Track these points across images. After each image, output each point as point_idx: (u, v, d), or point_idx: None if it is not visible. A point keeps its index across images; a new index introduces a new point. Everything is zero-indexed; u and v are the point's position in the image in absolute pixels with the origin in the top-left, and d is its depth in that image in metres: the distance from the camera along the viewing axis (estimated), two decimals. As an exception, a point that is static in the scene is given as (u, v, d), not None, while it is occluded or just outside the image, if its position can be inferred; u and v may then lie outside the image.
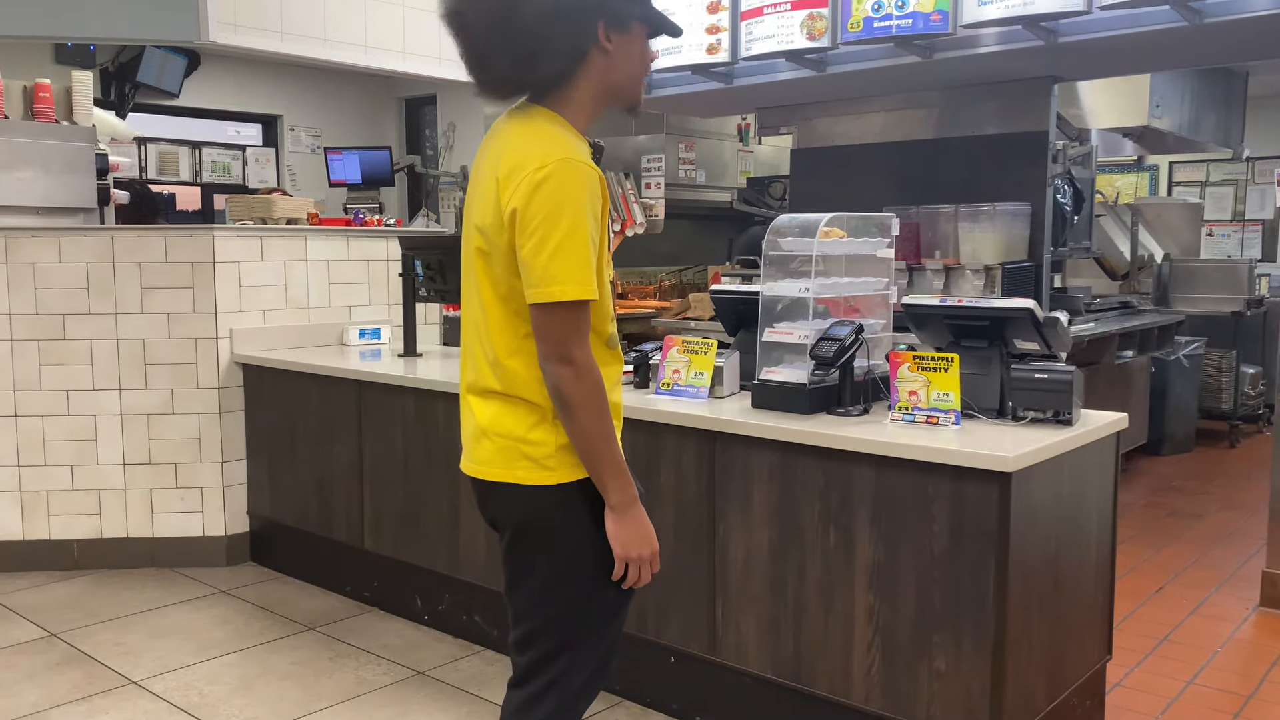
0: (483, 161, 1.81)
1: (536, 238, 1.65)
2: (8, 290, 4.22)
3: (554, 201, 1.65)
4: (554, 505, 1.78)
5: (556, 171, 1.65)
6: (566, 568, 1.81)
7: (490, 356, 1.79)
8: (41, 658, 3.48)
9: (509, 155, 1.71)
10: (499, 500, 1.84)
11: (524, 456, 1.78)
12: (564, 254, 1.65)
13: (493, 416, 1.80)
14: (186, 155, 8.73)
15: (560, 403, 1.72)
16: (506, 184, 1.68)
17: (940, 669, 2.43)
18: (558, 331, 1.69)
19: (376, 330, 4.66)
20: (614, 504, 1.77)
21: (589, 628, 1.85)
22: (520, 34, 1.68)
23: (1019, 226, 4.48)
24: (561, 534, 1.80)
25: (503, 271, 1.74)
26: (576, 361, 1.70)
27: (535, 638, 1.85)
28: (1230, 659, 3.53)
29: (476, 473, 1.86)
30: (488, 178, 1.74)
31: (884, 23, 3.89)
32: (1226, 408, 7.22)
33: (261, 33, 4.70)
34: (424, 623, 3.75)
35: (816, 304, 2.80)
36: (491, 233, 1.73)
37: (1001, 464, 2.29)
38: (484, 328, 1.80)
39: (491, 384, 1.80)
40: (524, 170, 1.66)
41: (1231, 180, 9.21)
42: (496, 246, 1.73)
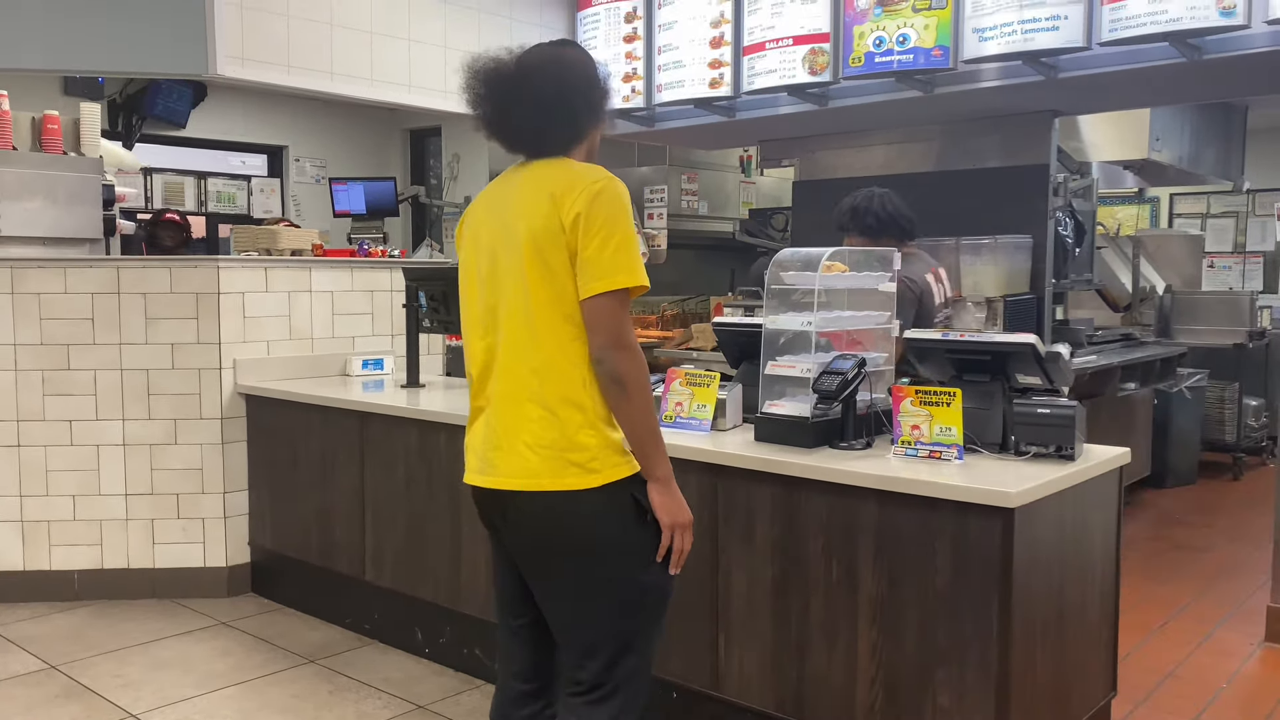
0: (512, 191, 2.04)
1: (600, 237, 1.90)
2: (13, 320, 4.23)
3: (612, 208, 1.93)
4: (601, 506, 1.94)
5: (609, 185, 1.95)
6: (619, 565, 1.97)
7: (536, 363, 1.94)
8: (40, 690, 3.46)
9: (558, 178, 1.97)
10: (542, 509, 1.94)
11: (571, 464, 1.92)
12: (624, 249, 1.91)
13: (537, 427, 1.93)
14: (192, 185, 8.76)
15: (619, 386, 1.91)
16: (566, 195, 1.93)
17: (944, 705, 2.42)
18: (616, 318, 1.91)
19: (380, 361, 4.67)
20: (660, 476, 1.98)
21: (647, 619, 2.02)
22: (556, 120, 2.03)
23: (1021, 259, 4.50)
24: (613, 532, 1.96)
25: (558, 275, 1.93)
26: (631, 345, 1.93)
27: (600, 645, 1.98)
28: (1236, 695, 3.50)
29: (518, 485, 1.94)
30: (534, 197, 1.96)
31: (885, 58, 3.93)
32: (1230, 440, 7.19)
33: (269, 66, 4.73)
34: (425, 656, 3.74)
35: (819, 337, 2.81)
36: (546, 240, 1.93)
37: (1005, 499, 2.28)
38: (531, 335, 1.94)
39: (535, 391, 1.94)
40: (582, 183, 1.94)
41: (1232, 212, 9.24)
42: (551, 253, 1.93)
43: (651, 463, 1.98)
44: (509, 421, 1.97)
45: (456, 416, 3.52)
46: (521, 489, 1.95)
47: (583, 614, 1.99)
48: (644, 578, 1.99)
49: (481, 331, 2.04)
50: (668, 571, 2.01)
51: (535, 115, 2.01)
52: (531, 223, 1.94)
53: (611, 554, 1.96)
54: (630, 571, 1.98)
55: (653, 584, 2.01)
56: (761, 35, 4.27)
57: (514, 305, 1.98)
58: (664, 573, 2.01)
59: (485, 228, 2.07)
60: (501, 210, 2.04)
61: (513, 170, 2.10)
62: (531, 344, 1.95)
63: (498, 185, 2.11)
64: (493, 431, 2.00)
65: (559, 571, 1.99)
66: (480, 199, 2.14)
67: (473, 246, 2.10)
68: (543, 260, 1.94)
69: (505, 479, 1.96)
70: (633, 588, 1.99)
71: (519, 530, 2.01)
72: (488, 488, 2.00)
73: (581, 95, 2.04)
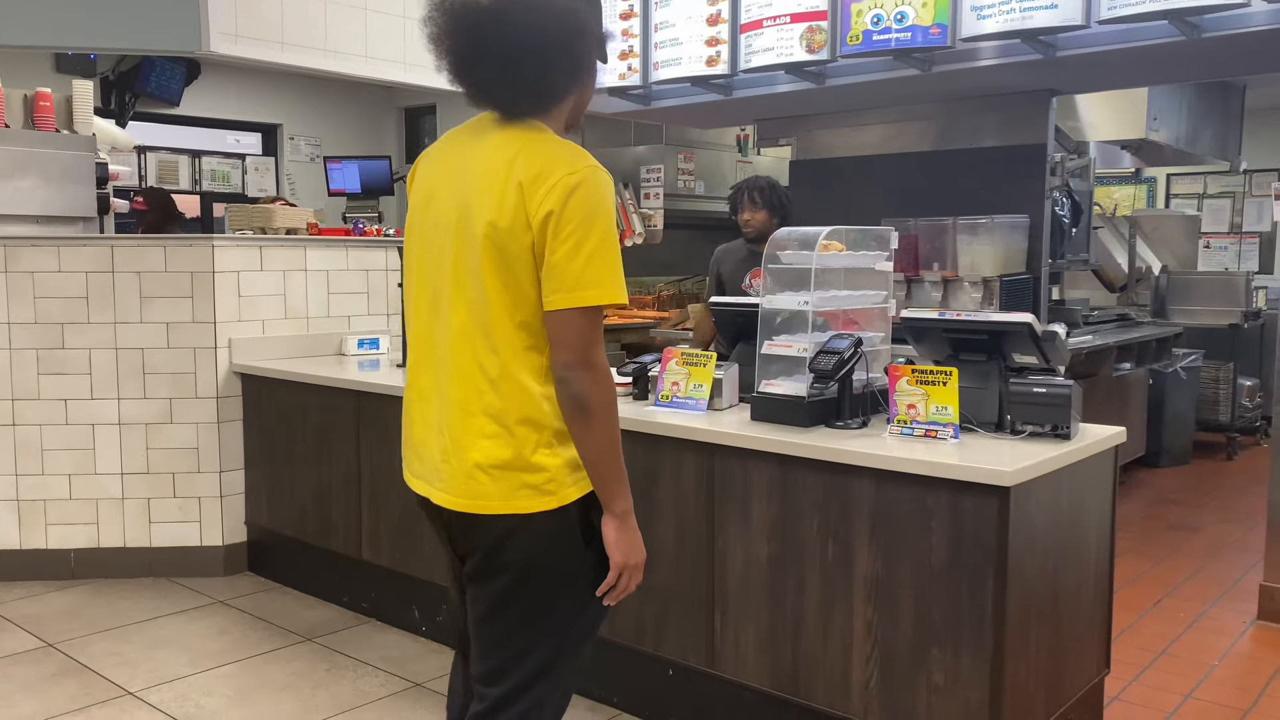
0: (476, 160, 1.74)
1: (572, 242, 1.64)
2: (7, 299, 4.21)
3: (589, 207, 1.66)
4: (550, 529, 1.75)
5: (589, 178, 1.67)
6: (555, 592, 1.78)
7: (493, 372, 1.71)
8: (38, 668, 3.47)
9: (529, 161, 1.68)
10: (489, 532, 1.75)
11: (524, 485, 1.72)
12: (599, 259, 1.66)
13: (490, 444, 1.72)
14: (186, 164, 8.72)
15: (580, 410, 1.69)
16: (535, 187, 1.65)
17: (939, 683, 2.43)
18: (584, 337, 1.67)
19: (375, 340, 4.66)
20: (618, 511, 1.76)
21: (570, 649, 1.83)
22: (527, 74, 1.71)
23: (1017, 239, 4.49)
24: (556, 558, 1.77)
25: (518, 278, 1.68)
26: (599, 367, 1.70)
27: (511, 667, 1.79)
28: (1228, 672, 3.52)
29: (468, 507, 1.75)
30: (500, 182, 1.68)
31: (883, 36, 3.91)
32: (1224, 420, 7.22)
33: (262, 43, 4.70)
34: (421, 634, 3.75)
35: (815, 317, 2.80)
36: (509, 238, 1.67)
37: (1000, 478, 2.29)
38: (488, 340, 1.71)
39: (489, 404, 1.72)
40: (555, 174, 1.66)
41: (1229, 192, 9.23)
42: (514, 252, 1.67)
43: (611, 495, 1.75)
44: (459, 435, 1.74)
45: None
46: (467, 510, 1.75)
47: (510, 633, 1.79)
48: (583, 604, 1.80)
49: (425, 316, 1.81)
50: (604, 606, 1.82)
51: (503, 65, 1.68)
52: (495, 214, 1.67)
53: (554, 578, 1.77)
54: (570, 596, 1.79)
55: (590, 612, 1.82)
56: (759, 13, 4.24)
57: (469, 302, 1.72)
58: (598, 606, 1.81)
59: (440, 193, 1.79)
60: (460, 179, 1.75)
61: (480, 125, 1.79)
62: (488, 350, 1.70)
63: (459, 141, 1.81)
64: (441, 442, 1.78)
65: (497, 589, 1.78)
66: (437, 150, 1.85)
67: (422, 210, 1.82)
68: (503, 260, 1.67)
69: (453, 499, 1.76)
70: (569, 613, 1.80)
71: (461, 542, 1.83)
72: (431, 500, 1.81)
73: (561, 45, 1.71)
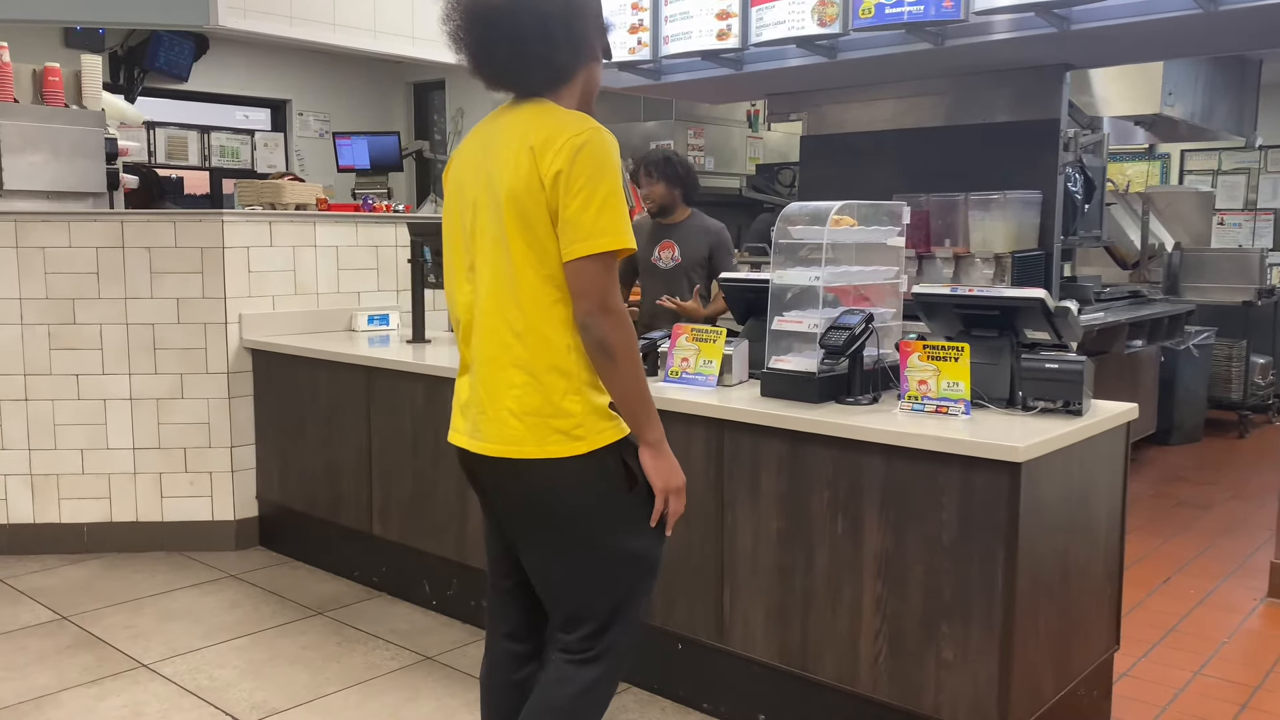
0: (495, 139, 1.91)
1: (583, 196, 1.79)
2: (18, 274, 4.22)
3: (595, 163, 1.80)
4: (588, 475, 1.88)
5: (594, 138, 1.81)
6: (606, 535, 1.92)
7: (519, 327, 1.86)
8: (52, 640, 3.50)
9: (539, 128, 1.83)
10: (527, 477, 1.88)
11: (555, 430, 1.86)
12: (609, 209, 1.80)
13: (520, 393, 1.87)
14: (195, 140, 8.72)
15: (605, 353, 1.83)
16: (546, 149, 1.80)
17: (948, 658, 2.43)
18: (600, 283, 1.81)
19: (385, 316, 4.66)
20: (652, 440, 1.91)
21: (634, 586, 1.97)
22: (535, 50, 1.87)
23: (1029, 215, 4.46)
24: (599, 499, 1.90)
25: (539, 236, 1.83)
26: (617, 310, 1.84)
27: (587, 612, 1.94)
28: (1238, 649, 3.52)
29: (503, 451, 1.88)
30: (514, 149, 1.84)
31: (895, 9, 3.87)
32: (1236, 398, 7.19)
33: (271, 17, 4.68)
34: (432, 608, 3.77)
35: (826, 292, 2.79)
36: (527, 198, 1.82)
37: (1012, 454, 2.28)
38: (514, 297, 1.85)
39: (518, 356, 1.86)
40: (562, 136, 1.80)
41: (1244, 169, 9.15)
42: (532, 212, 1.82)
43: (642, 427, 1.90)
44: (492, 386, 1.90)
45: (462, 371, 3.52)
46: (504, 456, 1.89)
47: (570, 581, 1.94)
48: (632, 544, 1.93)
49: (465, 287, 1.97)
50: (660, 536, 1.96)
51: (513, 47, 1.85)
52: (513, 179, 1.83)
53: (598, 521, 1.90)
54: (618, 538, 1.92)
55: (642, 550, 1.95)
56: (770, -14, 4.20)
57: (496, 265, 1.88)
58: (655, 538, 1.95)
59: (469, 175, 1.96)
60: (485, 159, 1.92)
61: (500, 111, 1.97)
62: (515, 307, 1.85)
63: (484, 128, 1.99)
64: (477, 395, 1.94)
65: (546, 539, 1.93)
66: (466, 143, 2.02)
67: (457, 193, 1.99)
68: (524, 219, 1.82)
69: (489, 445, 1.90)
70: (621, 555, 1.93)
71: (504, 496, 1.97)
72: (473, 452, 1.95)
73: (562, 23, 1.87)
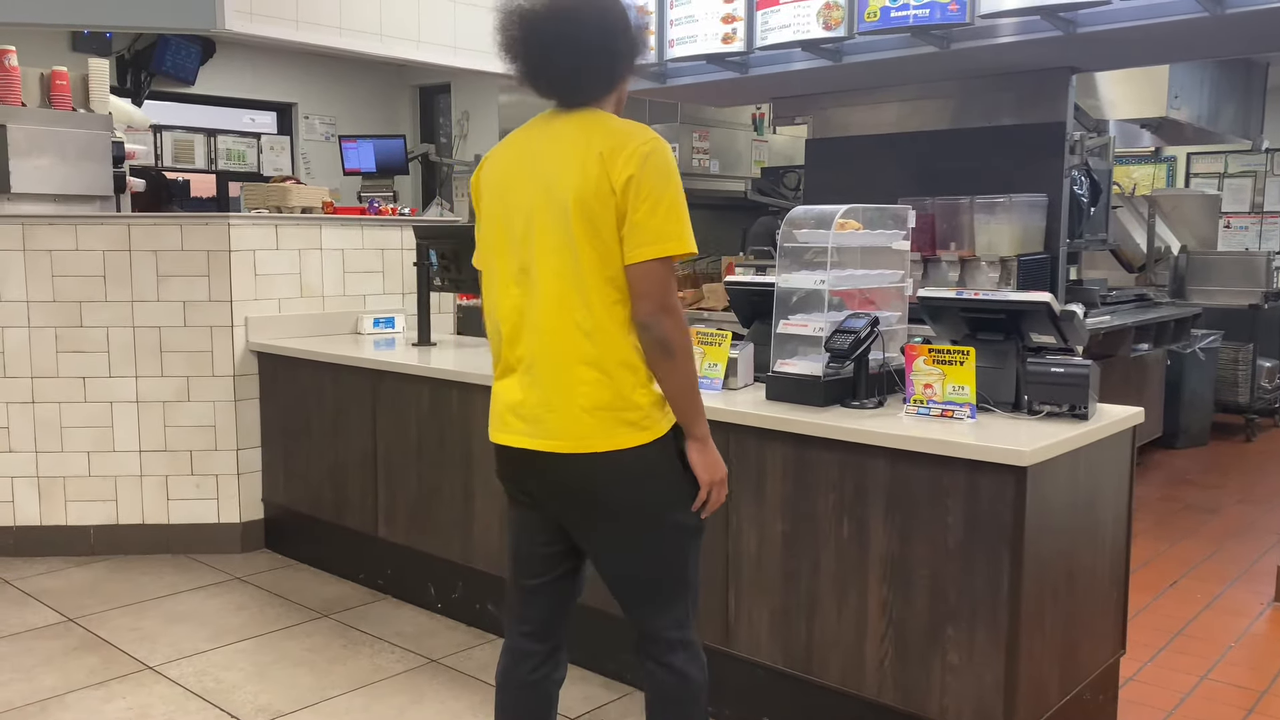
0: (547, 146, 1.99)
1: (650, 201, 1.90)
2: (25, 277, 4.24)
3: (662, 171, 1.92)
4: (652, 461, 1.99)
5: (659, 146, 1.94)
6: (669, 515, 2.04)
7: (588, 326, 1.94)
8: (59, 642, 3.51)
9: (604, 136, 1.94)
10: (600, 469, 1.96)
11: (623, 423, 1.96)
12: (674, 214, 1.92)
13: (591, 390, 1.95)
14: (202, 143, 8.75)
15: (665, 351, 1.94)
16: (617, 156, 1.91)
17: (954, 662, 2.43)
18: (663, 284, 1.93)
19: (391, 319, 4.67)
20: (700, 435, 2.03)
21: (693, 558, 2.10)
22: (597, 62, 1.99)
23: (1035, 218, 4.45)
24: (663, 484, 2.02)
25: (605, 239, 1.92)
26: (677, 309, 1.96)
27: (671, 593, 2.06)
28: (1244, 654, 3.51)
29: (574, 448, 1.95)
30: (580, 156, 1.93)
31: (901, 12, 3.87)
32: (1243, 401, 7.17)
33: (277, 21, 4.70)
34: (437, 611, 3.77)
35: (831, 296, 2.79)
36: (596, 203, 1.91)
37: (1018, 458, 2.28)
38: (583, 298, 1.94)
39: (587, 354, 1.94)
40: (631, 144, 1.92)
41: (1250, 172, 9.13)
42: (600, 216, 1.91)
43: (692, 422, 2.01)
44: (560, 384, 1.96)
45: (468, 375, 3.52)
46: (578, 451, 1.96)
47: (649, 564, 2.05)
48: (686, 519, 2.06)
49: (512, 290, 2.01)
50: (703, 520, 2.10)
51: (577, 60, 1.96)
52: (580, 184, 1.92)
53: (662, 503, 2.03)
54: (677, 515, 2.05)
55: (693, 522, 2.08)
56: (775, -11, 4.20)
57: (560, 268, 1.95)
58: (699, 522, 2.09)
59: (516, 181, 2.02)
60: (536, 165, 1.99)
61: (542, 121, 2.05)
62: (583, 307, 1.94)
63: (525, 137, 2.06)
64: (542, 393, 1.98)
65: (615, 528, 2.02)
66: (504, 150, 2.08)
67: (498, 200, 2.05)
68: (592, 224, 1.92)
69: (559, 442, 1.96)
70: (681, 530, 2.06)
71: (567, 492, 2.02)
72: (534, 450, 1.99)
73: (622, 39, 1.99)
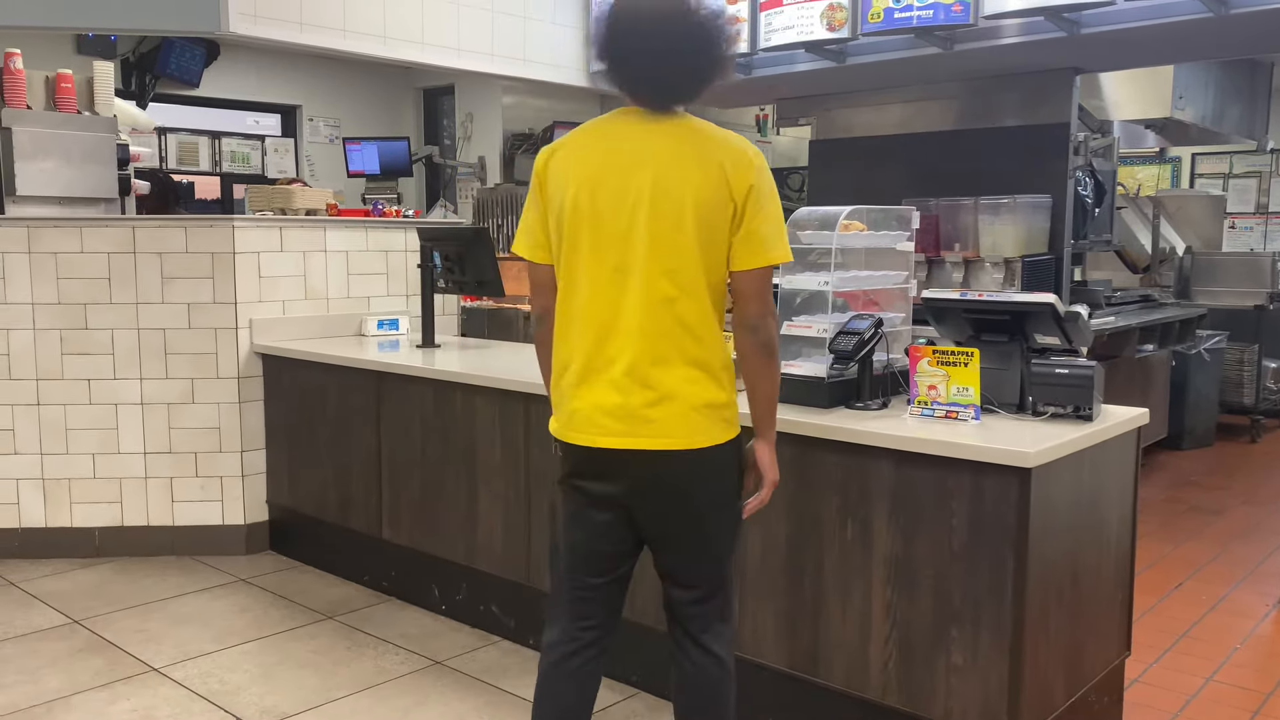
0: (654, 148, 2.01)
1: (765, 211, 2.01)
2: (30, 280, 4.25)
3: (769, 182, 2.04)
4: (732, 455, 2.10)
5: (762, 159, 2.04)
6: (736, 507, 2.15)
7: (699, 329, 2.02)
8: (64, 644, 3.52)
9: (722, 145, 2.02)
10: (703, 463, 2.05)
11: (721, 420, 2.05)
12: (780, 224, 2.05)
13: (698, 389, 2.02)
14: (206, 145, 8.76)
15: (769, 353, 2.06)
16: (737, 167, 1.99)
17: (958, 664, 2.43)
18: (768, 290, 2.05)
19: (395, 321, 4.67)
20: (771, 438, 2.15)
21: (738, 548, 2.23)
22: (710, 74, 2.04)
23: (1039, 219, 4.45)
24: (737, 478, 2.14)
25: (718, 245, 2.00)
26: (775, 314, 2.08)
27: (722, 578, 2.16)
28: (1250, 656, 3.51)
29: (684, 444, 2.02)
30: (702, 163, 1.98)
31: (905, 14, 3.87)
32: (1248, 402, 7.16)
33: (281, 23, 4.71)
34: (441, 613, 3.77)
35: (835, 297, 2.79)
36: (716, 210, 1.98)
37: (1022, 459, 2.28)
38: (695, 300, 2.01)
39: (695, 354, 2.01)
40: (747, 154, 2.01)
41: (1255, 172, 9.12)
42: (718, 223, 1.99)
43: (770, 425, 2.13)
44: (669, 384, 2.00)
45: (472, 376, 3.52)
46: (682, 448, 2.02)
47: (715, 554, 2.14)
48: (740, 510, 2.17)
49: (605, 289, 2.01)
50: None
51: (699, 66, 2.00)
52: (700, 190, 1.97)
53: (735, 495, 2.14)
54: (739, 507, 2.16)
55: (741, 514, 2.18)
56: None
57: (671, 268, 1.99)
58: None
59: (614, 179, 2.00)
60: (640, 166, 1.99)
61: (628, 120, 2.05)
62: (694, 309, 2.00)
63: (613, 134, 2.05)
64: (648, 394, 2.00)
65: (702, 519, 2.10)
66: (587, 143, 2.06)
67: (587, 196, 2.01)
68: (710, 229, 1.98)
69: (667, 440, 2.01)
70: (740, 522, 2.18)
71: (665, 488, 2.06)
72: (636, 449, 2.01)
73: (730, 51, 2.07)
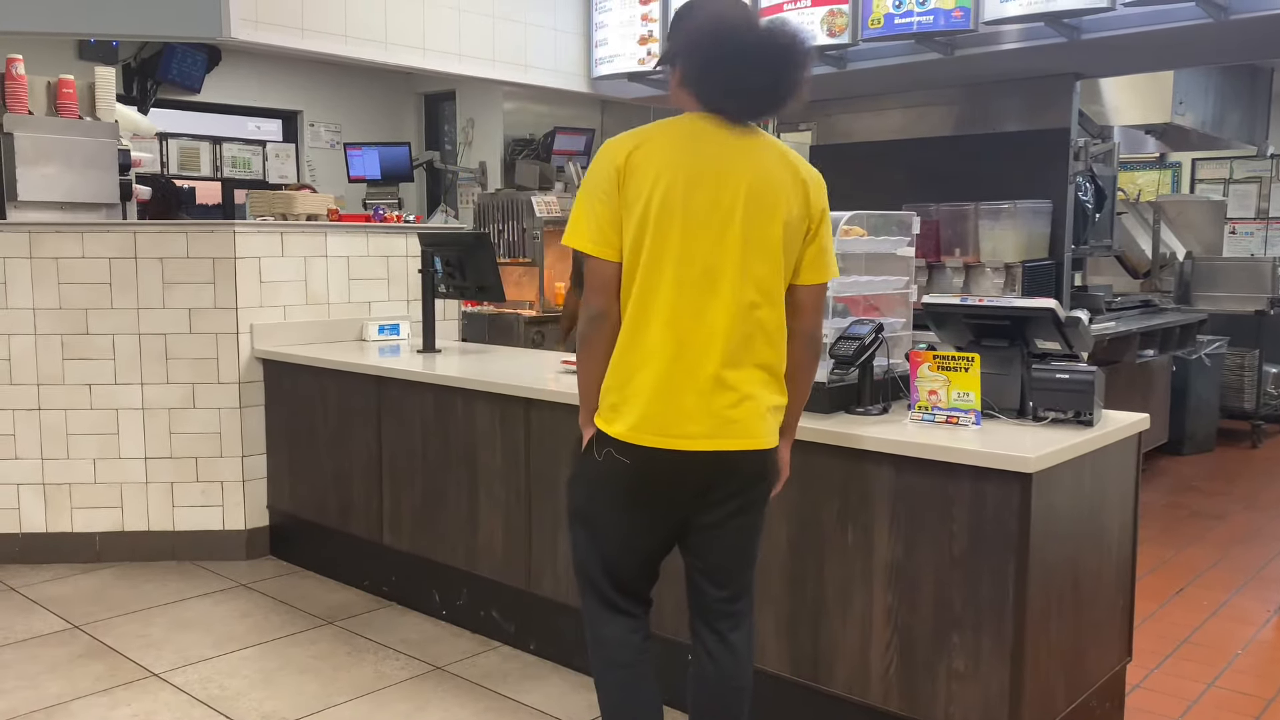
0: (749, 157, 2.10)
1: (829, 229, 2.20)
2: (31, 285, 4.25)
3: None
4: (776, 456, 2.22)
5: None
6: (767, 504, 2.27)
7: (776, 339, 2.14)
8: (64, 649, 3.51)
9: (804, 166, 2.18)
10: (766, 463, 2.17)
11: (777, 422, 2.18)
12: (832, 242, 2.23)
13: (770, 393, 2.14)
14: (207, 150, 8.77)
15: (818, 360, 2.26)
16: (816, 186, 2.16)
17: (959, 670, 2.42)
18: (824, 303, 2.24)
19: (396, 326, 4.68)
20: (794, 438, 2.31)
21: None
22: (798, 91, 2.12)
23: (1040, 224, 4.46)
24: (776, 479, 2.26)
25: (791, 258, 2.14)
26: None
27: (749, 584, 2.27)
28: (1251, 661, 3.50)
29: (760, 444, 2.12)
30: (790, 179, 2.12)
31: (905, 19, 3.88)
32: (1248, 407, 7.16)
33: (283, 29, 4.72)
34: (442, 618, 3.77)
35: (836, 302, 2.79)
36: (798, 226, 2.13)
37: (1023, 464, 2.28)
38: (776, 311, 2.13)
39: (768, 360, 2.12)
40: (820, 180, 2.19)
41: (1255, 177, 9.11)
42: (796, 238, 2.13)
43: (797, 426, 2.31)
44: (747, 387, 2.09)
45: (473, 381, 3.53)
46: (758, 448, 2.12)
47: (754, 555, 2.25)
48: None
49: (689, 293, 2.06)
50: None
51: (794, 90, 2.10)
52: (790, 206, 2.10)
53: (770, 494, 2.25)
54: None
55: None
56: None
57: (759, 278, 2.09)
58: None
59: (708, 186, 2.06)
60: (732, 175, 2.07)
61: (717, 129, 2.10)
62: (774, 317, 2.11)
63: (703, 139, 2.09)
64: (729, 396, 2.08)
65: (754, 513, 2.20)
66: (674, 146, 2.09)
67: (684, 194, 2.05)
68: (792, 242, 2.12)
69: (746, 441, 2.10)
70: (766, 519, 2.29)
71: (731, 486, 2.14)
72: (713, 451, 2.08)
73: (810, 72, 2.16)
